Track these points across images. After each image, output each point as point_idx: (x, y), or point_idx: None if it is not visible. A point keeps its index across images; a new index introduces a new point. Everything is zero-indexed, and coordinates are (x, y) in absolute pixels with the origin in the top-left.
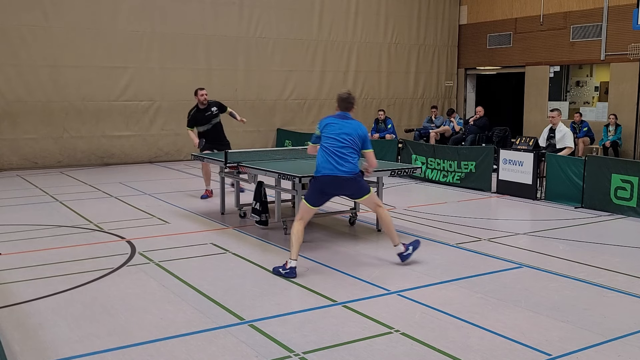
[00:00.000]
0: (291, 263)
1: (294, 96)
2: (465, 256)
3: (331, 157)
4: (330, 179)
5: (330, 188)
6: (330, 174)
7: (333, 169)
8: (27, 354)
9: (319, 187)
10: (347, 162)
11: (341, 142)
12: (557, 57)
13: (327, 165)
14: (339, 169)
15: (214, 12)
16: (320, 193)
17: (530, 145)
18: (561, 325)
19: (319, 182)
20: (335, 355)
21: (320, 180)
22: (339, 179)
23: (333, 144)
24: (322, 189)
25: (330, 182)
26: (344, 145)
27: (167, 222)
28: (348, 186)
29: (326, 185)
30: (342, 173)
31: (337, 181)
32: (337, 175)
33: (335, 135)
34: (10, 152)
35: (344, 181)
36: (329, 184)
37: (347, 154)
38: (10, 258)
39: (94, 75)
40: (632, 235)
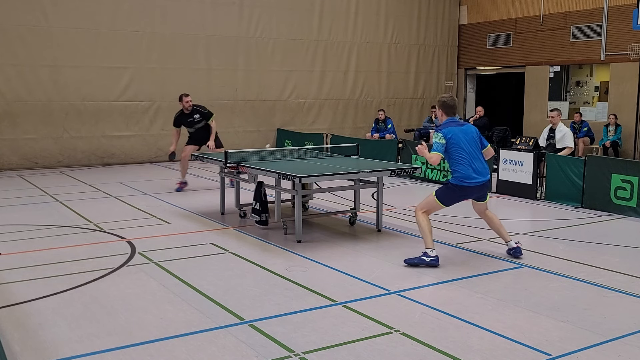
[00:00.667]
0: (433, 252)
1: (294, 96)
2: (465, 256)
3: (477, 164)
4: (480, 187)
5: (473, 193)
6: (481, 181)
7: (483, 175)
8: (27, 354)
9: (463, 194)
10: (486, 165)
11: (475, 147)
12: (557, 57)
13: (475, 173)
14: (485, 172)
15: (214, 12)
16: (461, 198)
17: (530, 145)
18: (561, 325)
19: (468, 190)
20: (335, 355)
21: (469, 189)
22: (485, 183)
23: (471, 151)
24: (467, 195)
25: (479, 189)
26: (477, 149)
27: (167, 222)
28: (485, 187)
29: (473, 191)
30: (488, 177)
31: (483, 185)
32: (486, 180)
33: (468, 141)
34: (10, 152)
35: (486, 183)
36: (475, 190)
37: (481, 156)
38: (10, 258)
39: (94, 75)
40: (632, 235)
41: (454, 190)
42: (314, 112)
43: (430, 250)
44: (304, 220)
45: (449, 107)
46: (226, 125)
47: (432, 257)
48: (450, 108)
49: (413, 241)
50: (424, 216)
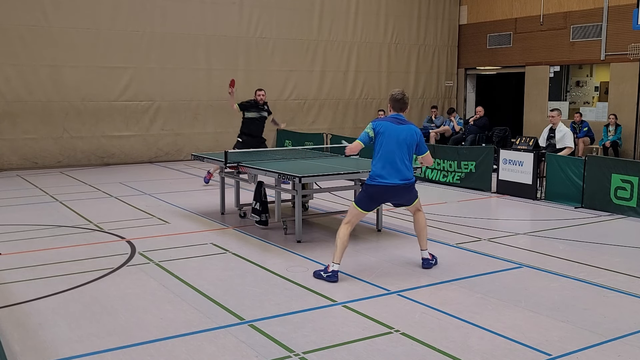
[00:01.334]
0: (334, 266)
1: (294, 96)
2: (465, 256)
3: (391, 165)
4: (386, 188)
5: (386, 196)
6: (389, 184)
7: (393, 178)
8: (27, 354)
9: (372, 194)
10: (407, 170)
11: (400, 149)
12: (557, 57)
13: (385, 173)
14: (399, 177)
15: (214, 12)
16: (373, 200)
17: (530, 145)
18: (561, 325)
19: (374, 190)
20: (335, 355)
21: (376, 189)
22: (397, 187)
23: (392, 150)
24: (377, 197)
25: (387, 191)
26: (403, 152)
27: (167, 222)
28: (405, 194)
29: (382, 193)
30: (402, 182)
31: (395, 189)
32: (396, 184)
33: (398, 142)
34: (10, 152)
35: (402, 189)
36: (386, 193)
37: (406, 161)
38: (10, 258)
39: (94, 75)
40: (632, 235)
41: (366, 190)
42: (314, 112)
43: (332, 264)
44: (304, 220)
45: (394, 101)
46: (226, 125)
47: (329, 272)
48: (396, 102)
49: (413, 241)
50: (344, 228)
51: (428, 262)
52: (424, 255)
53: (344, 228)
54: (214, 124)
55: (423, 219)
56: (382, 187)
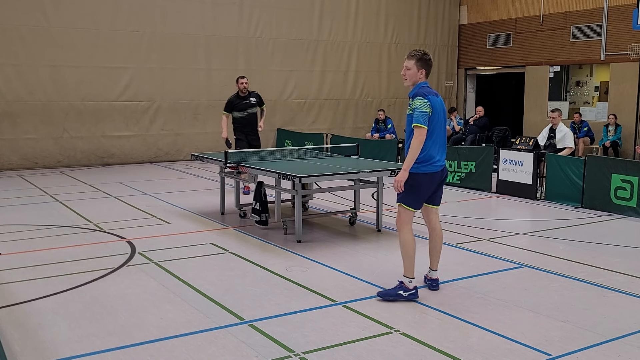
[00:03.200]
0: (413, 282)
1: (294, 96)
2: (465, 256)
3: (443, 147)
4: (442, 172)
5: (438, 183)
6: (444, 165)
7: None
8: (27, 354)
9: (426, 182)
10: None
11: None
12: (557, 57)
13: (440, 156)
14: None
15: (214, 12)
16: (425, 192)
17: (530, 145)
18: (561, 325)
19: (430, 176)
20: (335, 355)
21: (432, 175)
22: (444, 171)
23: (442, 129)
24: (430, 185)
25: (442, 175)
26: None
27: (167, 222)
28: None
29: (438, 179)
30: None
31: (444, 174)
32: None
33: (442, 118)
34: (10, 152)
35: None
36: (441, 177)
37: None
38: (10, 258)
39: (94, 75)
40: (632, 235)
41: (420, 179)
42: (314, 112)
43: (409, 281)
44: (304, 220)
45: (429, 65)
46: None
47: (411, 290)
48: (429, 65)
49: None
50: (406, 233)
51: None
52: (434, 276)
53: (406, 233)
54: (214, 124)
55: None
56: (439, 172)
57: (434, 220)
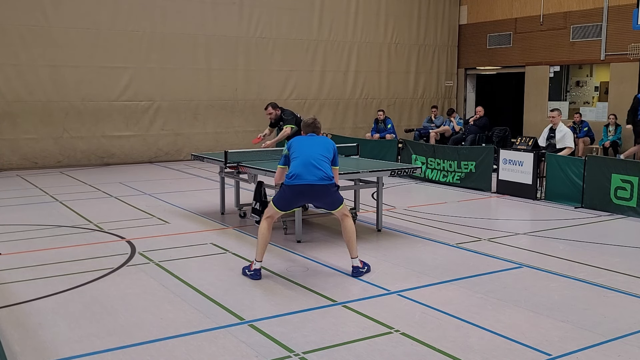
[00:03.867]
0: (256, 265)
1: (294, 96)
2: (465, 256)
3: (308, 165)
4: (304, 187)
5: (304, 196)
6: (306, 182)
7: (311, 176)
8: (27, 354)
9: (289, 195)
10: (325, 170)
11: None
12: (557, 57)
13: (304, 172)
14: (317, 175)
15: (214, 12)
16: (289, 201)
17: (529, 145)
18: (561, 325)
19: (292, 190)
20: (335, 355)
21: (293, 189)
22: (314, 187)
23: (309, 153)
24: (294, 197)
25: (304, 190)
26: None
27: (167, 222)
28: (323, 195)
29: (300, 193)
30: (319, 181)
31: (313, 189)
32: (314, 183)
33: (310, 146)
34: (10, 152)
35: (319, 189)
36: (306, 194)
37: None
38: (10, 258)
39: (94, 75)
40: (632, 235)
41: (284, 190)
42: (314, 112)
43: (255, 263)
44: (304, 220)
45: (305, 126)
46: (226, 125)
47: (251, 271)
48: (307, 127)
49: (413, 241)
50: (265, 223)
51: (358, 270)
52: (354, 264)
53: (263, 222)
54: (214, 124)
55: (350, 226)
56: (298, 187)
57: (339, 217)
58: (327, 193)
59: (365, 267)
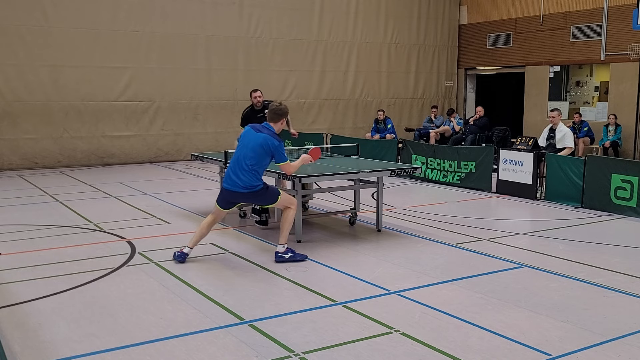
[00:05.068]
0: (185, 249)
1: (294, 96)
2: (465, 256)
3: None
4: (227, 192)
5: (232, 198)
6: (227, 188)
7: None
8: (27, 354)
9: (223, 195)
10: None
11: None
12: (557, 57)
13: (227, 177)
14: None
15: (214, 12)
16: (226, 200)
17: (529, 145)
18: (561, 325)
19: (223, 192)
20: (335, 355)
21: (223, 191)
22: (235, 193)
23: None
24: (225, 197)
25: (229, 194)
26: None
27: (167, 222)
28: (250, 198)
29: (227, 195)
30: (235, 189)
31: (235, 195)
32: (232, 190)
33: (246, 148)
34: (10, 152)
35: (241, 195)
36: (229, 195)
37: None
38: (10, 258)
39: (94, 75)
40: (632, 235)
41: (221, 192)
42: (314, 112)
43: (185, 247)
44: (304, 220)
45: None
46: (226, 125)
47: (179, 252)
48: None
49: (413, 241)
50: (208, 218)
51: (278, 256)
52: (277, 249)
53: (207, 218)
54: (214, 124)
55: (288, 215)
56: (225, 191)
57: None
58: (252, 196)
59: (289, 254)
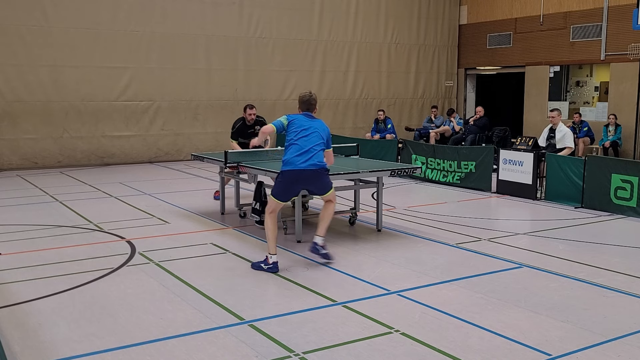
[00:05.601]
0: (272, 258)
1: (294, 96)
2: (465, 256)
3: (304, 152)
4: (302, 172)
5: (300, 181)
6: (300, 168)
7: (305, 163)
8: (27, 354)
9: (288, 181)
10: (319, 156)
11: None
12: (557, 57)
13: (298, 159)
14: (311, 162)
15: (214, 12)
16: (288, 188)
17: (529, 145)
18: (561, 325)
19: (288, 175)
20: (335, 355)
21: (289, 173)
22: (307, 172)
23: (305, 138)
24: (292, 182)
25: (303, 176)
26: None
27: (167, 222)
28: (315, 180)
29: (298, 178)
30: (312, 166)
31: (305, 174)
32: (307, 168)
33: (308, 132)
34: (10, 152)
35: (312, 174)
36: (303, 178)
37: (319, 149)
38: (10, 258)
39: (94, 75)
40: (632, 235)
41: (281, 179)
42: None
43: (270, 256)
44: (304, 220)
45: (301, 102)
46: (226, 126)
47: (270, 264)
48: (302, 103)
49: (413, 241)
50: (269, 218)
51: (316, 247)
52: (316, 240)
53: (268, 217)
54: (214, 124)
55: (331, 209)
56: (296, 172)
57: (325, 200)
58: (318, 177)
59: (324, 249)
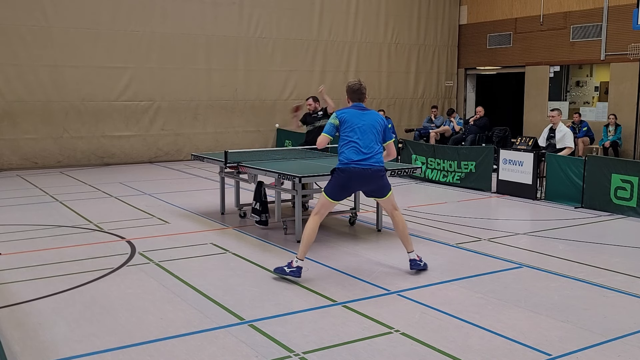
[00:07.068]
0: (297, 262)
1: (294, 96)
2: (465, 256)
3: (360, 149)
4: (363, 171)
5: (359, 181)
6: (359, 167)
7: (363, 162)
8: (27, 354)
9: (346, 180)
10: (377, 155)
11: (368, 134)
12: (557, 57)
13: (355, 157)
14: (369, 161)
15: (214, 12)
16: (344, 188)
17: (529, 145)
18: (561, 325)
19: (348, 173)
20: (335, 355)
21: (350, 171)
22: (366, 171)
23: (364, 135)
24: (350, 181)
25: (363, 175)
26: (371, 137)
27: (167, 222)
28: (374, 180)
29: (357, 177)
30: (371, 165)
31: (364, 174)
32: (366, 167)
33: (364, 127)
34: (10, 152)
35: (371, 174)
36: (362, 177)
37: (375, 146)
38: (10, 258)
39: (94, 75)
40: (632, 235)
41: (337, 176)
42: None
43: (295, 260)
44: (304, 220)
45: (352, 92)
46: (226, 125)
47: (293, 268)
48: (353, 93)
49: (413, 241)
50: (313, 220)
51: (416, 263)
52: (412, 257)
53: (311, 219)
54: (214, 124)
55: (402, 220)
56: (357, 171)
57: (389, 210)
58: (378, 178)
59: (422, 261)
